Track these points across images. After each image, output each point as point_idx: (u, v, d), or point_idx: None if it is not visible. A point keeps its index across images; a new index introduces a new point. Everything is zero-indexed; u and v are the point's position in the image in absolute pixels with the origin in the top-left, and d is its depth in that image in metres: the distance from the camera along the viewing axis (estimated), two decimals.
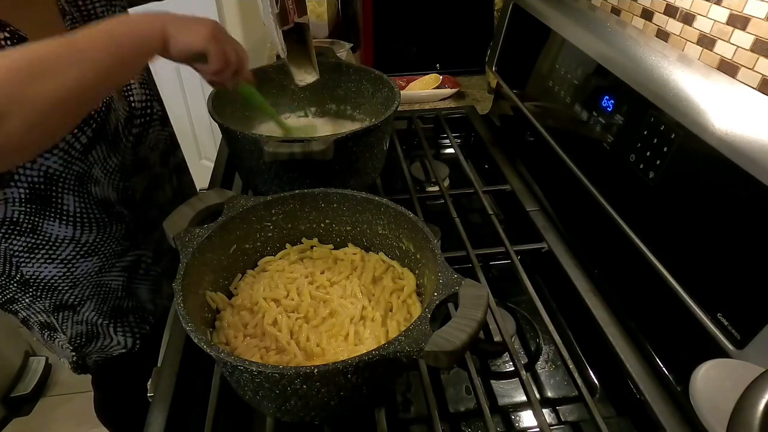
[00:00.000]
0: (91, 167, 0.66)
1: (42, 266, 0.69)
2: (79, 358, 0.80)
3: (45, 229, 0.66)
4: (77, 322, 0.76)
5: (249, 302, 0.57)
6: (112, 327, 0.79)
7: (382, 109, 0.83)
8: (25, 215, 0.63)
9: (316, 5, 1.41)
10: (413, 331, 0.43)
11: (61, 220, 0.66)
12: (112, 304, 0.78)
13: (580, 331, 0.67)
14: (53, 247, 0.68)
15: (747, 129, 0.47)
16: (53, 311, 0.74)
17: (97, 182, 0.68)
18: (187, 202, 0.59)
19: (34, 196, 0.62)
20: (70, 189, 0.65)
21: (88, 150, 0.64)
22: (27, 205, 0.63)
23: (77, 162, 0.64)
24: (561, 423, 0.57)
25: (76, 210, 0.67)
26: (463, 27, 1.29)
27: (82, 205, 0.67)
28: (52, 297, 0.72)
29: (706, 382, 0.40)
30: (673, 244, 0.54)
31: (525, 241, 0.76)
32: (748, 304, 0.45)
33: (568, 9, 0.81)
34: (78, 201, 0.66)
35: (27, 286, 0.71)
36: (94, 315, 0.76)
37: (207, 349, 0.43)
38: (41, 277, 0.70)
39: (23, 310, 0.75)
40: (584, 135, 0.71)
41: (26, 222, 0.64)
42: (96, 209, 0.69)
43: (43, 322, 0.76)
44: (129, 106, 0.71)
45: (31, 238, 0.66)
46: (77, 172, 0.65)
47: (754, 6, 0.55)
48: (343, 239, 0.65)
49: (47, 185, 0.63)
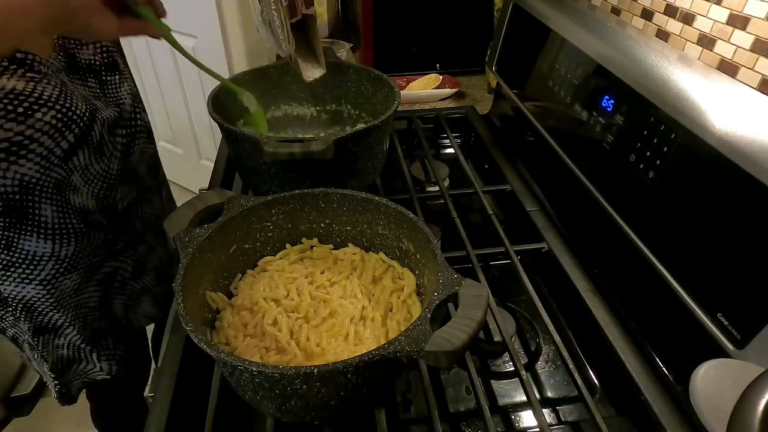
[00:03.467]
0: (70, 174, 0.62)
1: (19, 286, 0.65)
2: (63, 386, 0.77)
3: (21, 245, 0.62)
4: (57, 347, 0.73)
5: (249, 302, 0.57)
6: (95, 353, 0.76)
7: (382, 109, 0.83)
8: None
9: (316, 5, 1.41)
10: (413, 331, 0.43)
11: (39, 234, 0.62)
12: (92, 327, 0.75)
13: (580, 331, 0.67)
14: (31, 265, 0.64)
15: (747, 129, 0.47)
16: (33, 333, 0.70)
17: (75, 190, 0.64)
18: (187, 202, 0.59)
19: (8, 208, 0.58)
20: (48, 197, 0.61)
21: (69, 156, 0.60)
22: (1, 219, 0.59)
23: (56, 168, 0.60)
24: (561, 423, 0.57)
25: (54, 221, 0.63)
26: (463, 27, 1.29)
27: (60, 215, 0.63)
28: (32, 319, 0.69)
29: (706, 382, 0.40)
30: (673, 244, 0.54)
31: (525, 241, 0.76)
32: (748, 304, 0.45)
33: (568, 9, 0.81)
34: (55, 211, 0.62)
35: (6, 305, 0.67)
36: (75, 339, 0.73)
37: (207, 349, 0.43)
38: (18, 298, 0.66)
39: (10, 328, 0.72)
40: (584, 135, 0.71)
41: (1, 238, 0.60)
42: (74, 218, 0.65)
43: (30, 342, 0.73)
44: (120, 112, 0.69)
45: (6, 255, 0.62)
46: (55, 179, 0.60)
47: (754, 6, 0.55)
48: (343, 239, 0.65)
49: (23, 195, 0.58)
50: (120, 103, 0.69)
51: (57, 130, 0.57)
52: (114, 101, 0.69)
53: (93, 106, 0.63)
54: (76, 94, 0.61)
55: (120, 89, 0.70)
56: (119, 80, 0.70)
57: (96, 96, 0.67)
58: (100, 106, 0.65)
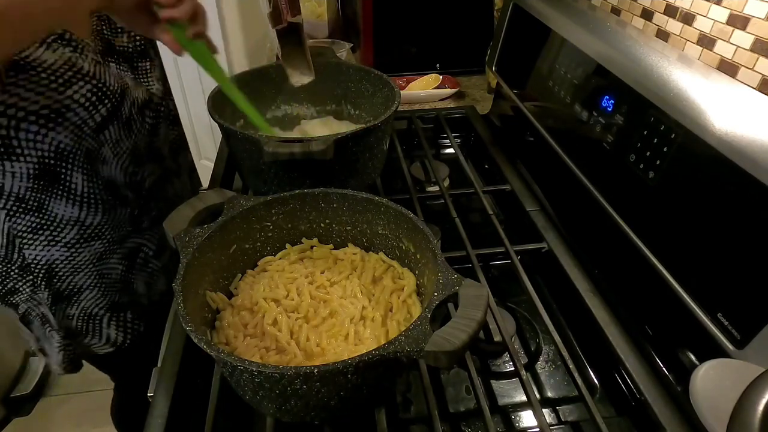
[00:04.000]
0: (101, 146, 0.66)
1: (45, 249, 0.68)
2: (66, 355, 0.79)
3: (51, 208, 0.65)
4: (69, 317, 0.76)
5: (249, 302, 0.57)
6: (106, 319, 0.78)
7: (382, 109, 0.83)
8: (32, 192, 0.63)
9: (316, 5, 1.41)
10: (413, 331, 0.43)
11: (68, 199, 0.66)
12: (111, 299, 0.77)
13: (580, 331, 0.67)
14: (57, 228, 0.67)
15: (747, 129, 0.47)
16: (52, 303, 0.73)
17: (105, 161, 0.68)
18: (187, 202, 0.59)
19: (43, 171, 0.62)
20: (79, 166, 0.65)
21: (101, 128, 0.65)
22: (35, 181, 0.62)
23: (88, 139, 0.64)
24: (561, 423, 0.57)
25: (84, 189, 0.67)
26: (463, 27, 1.29)
27: (90, 184, 0.67)
28: (51, 286, 0.72)
29: (706, 382, 0.40)
30: (673, 244, 0.54)
31: (525, 241, 0.76)
32: (748, 304, 0.45)
33: (568, 9, 0.81)
34: (86, 180, 0.66)
35: (27, 272, 0.70)
36: (90, 305, 0.76)
37: (207, 349, 0.43)
38: (43, 262, 0.69)
39: (24, 303, 0.74)
40: (584, 135, 0.71)
41: (32, 199, 0.63)
42: (102, 190, 0.69)
43: (43, 315, 0.76)
44: (148, 93, 0.73)
45: (36, 217, 0.65)
46: (87, 150, 0.65)
47: (754, 6, 0.55)
48: (343, 239, 0.65)
49: (57, 161, 0.62)
50: (149, 87, 0.73)
51: (91, 102, 0.63)
52: (144, 86, 0.73)
53: (124, 84, 0.67)
54: (109, 72, 0.66)
55: (150, 75, 0.75)
56: (150, 67, 0.76)
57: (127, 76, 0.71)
58: (131, 85, 0.69)
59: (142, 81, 0.73)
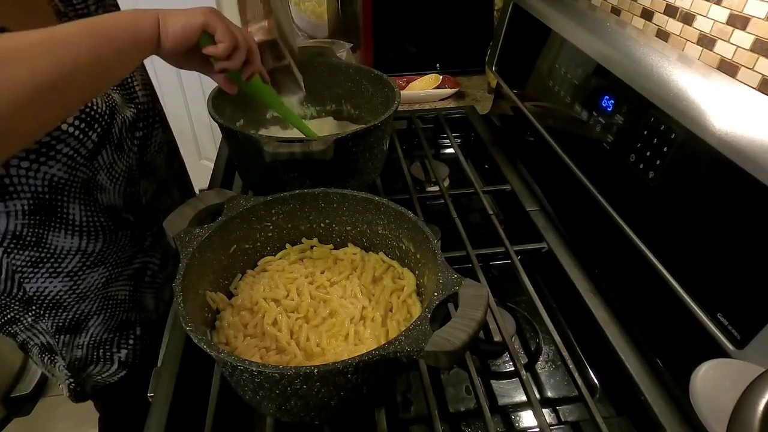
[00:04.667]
0: (96, 173, 0.64)
1: (47, 281, 0.66)
2: (77, 385, 0.77)
3: (50, 241, 0.63)
4: (77, 346, 0.73)
5: (249, 302, 0.57)
6: (116, 341, 0.76)
7: (382, 109, 0.83)
8: (29, 228, 0.61)
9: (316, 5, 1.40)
10: (413, 331, 0.43)
11: (66, 231, 0.64)
12: (119, 318, 0.75)
13: (580, 331, 0.67)
14: (59, 259, 0.65)
15: (747, 129, 0.47)
16: (55, 332, 0.71)
17: (103, 189, 0.66)
18: (187, 202, 0.59)
19: (38, 206, 0.60)
20: (76, 197, 0.63)
21: (94, 155, 0.62)
22: (31, 217, 0.60)
23: (82, 168, 0.62)
24: (561, 423, 0.57)
25: (82, 219, 0.65)
26: (463, 27, 1.29)
27: (88, 213, 0.65)
28: (55, 316, 0.69)
29: (706, 382, 0.40)
30: (673, 244, 0.54)
31: (525, 241, 0.76)
32: (748, 304, 0.45)
33: (568, 9, 0.81)
34: (84, 209, 0.64)
35: (30, 304, 0.68)
36: (99, 330, 0.74)
37: (207, 349, 0.43)
38: (45, 293, 0.67)
39: (23, 332, 0.72)
40: (584, 135, 0.70)
41: (30, 235, 0.61)
42: (102, 217, 0.67)
43: (43, 344, 0.73)
44: (135, 107, 0.70)
45: (35, 251, 0.63)
46: (82, 179, 0.62)
47: (754, 6, 0.55)
48: (343, 239, 0.65)
49: (52, 194, 0.60)
50: (134, 97, 0.71)
51: (81, 130, 0.59)
52: (128, 95, 0.70)
53: (112, 102, 0.64)
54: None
55: (135, 82, 0.72)
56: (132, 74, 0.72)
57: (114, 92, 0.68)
58: (117, 100, 0.66)
59: (128, 91, 0.70)
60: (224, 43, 0.56)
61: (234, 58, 0.59)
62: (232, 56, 0.58)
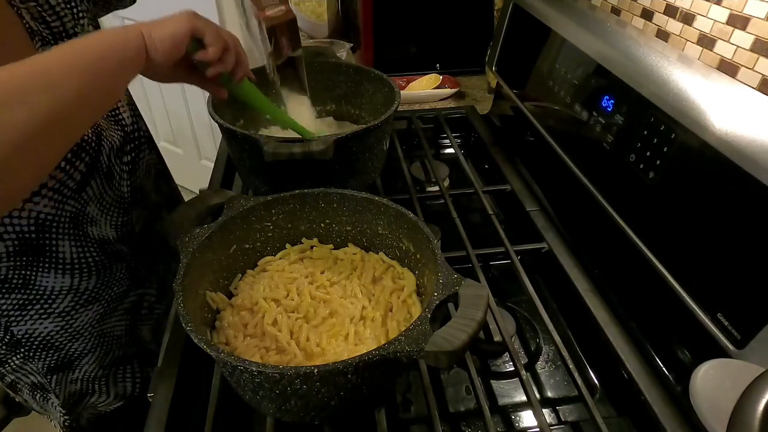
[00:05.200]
0: (86, 206, 0.60)
1: (36, 323, 0.62)
2: (72, 420, 0.73)
3: (38, 282, 0.59)
4: (71, 382, 0.70)
5: (249, 302, 0.57)
6: (111, 377, 0.73)
7: (382, 109, 0.83)
8: (15, 270, 0.56)
9: (316, 5, 1.41)
10: (413, 331, 0.43)
11: (56, 270, 0.60)
12: (115, 355, 0.72)
13: (580, 331, 0.67)
14: (48, 300, 0.61)
15: (747, 129, 0.47)
16: (46, 373, 0.67)
17: (93, 222, 0.61)
18: (187, 202, 0.59)
19: (25, 247, 0.56)
20: (65, 233, 0.58)
21: (82, 187, 0.58)
22: (16, 258, 0.56)
23: (70, 202, 0.57)
24: (561, 423, 0.57)
25: (73, 256, 0.60)
26: (463, 27, 1.29)
27: (79, 249, 0.61)
28: (46, 357, 0.65)
29: (706, 382, 0.40)
30: (673, 244, 0.54)
31: (525, 241, 0.76)
32: (748, 304, 0.45)
33: (568, 9, 0.81)
34: (74, 245, 0.60)
35: (18, 347, 0.63)
36: (93, 368, 0.70)
37: (207, 349, 0.43)
38: (36, 335, 0.63)
39: (10, 374, 0.67)
40: (584, 135, 0.70)
41: (16, 277, 0.57)
42: (94, 252, 0.63)
43: (34, 383, 0.69)
44: (122, 130, 0.65)
45: (22, 294, 0.59)
46: (71, 213, 0.58)
47: (754, 6, 0.55)
48: (343, 239, 0.65)
49: (39, 233, 0.56)
50: (120, 119, 0.66)
51: (67, 161, 0.56)
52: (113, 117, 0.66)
53: (98, 128, 0.60)
54: None
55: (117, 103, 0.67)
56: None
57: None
58: (103, 124, 0.63)
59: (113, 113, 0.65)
60: (214, 46, 0.54)
61: (225, 61, 0.57)
62: (223, 59, 0.56)
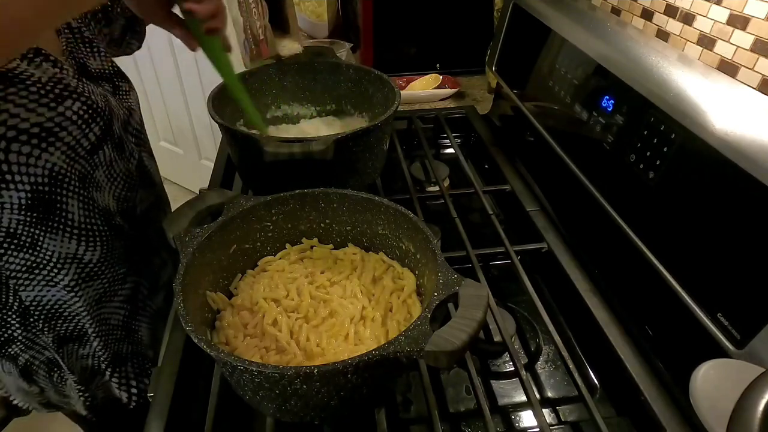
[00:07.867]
0: (95, 169, 0.63)
1: (44, 289, 0.63)
2: (90, 396, 0.74)
3: (46, 246, 0.60)
4: (81, 357, 0.71)
5: (249, 302, 0.57)
6: (108, 374, 0.74)
7: (382, 109, 0.83)
8: (25, 226, 0.58)
9: (316, 5, 1.40)
10: (413, 331, 0.43)
11: (64, 233, 0.61)
12: (113, 348, 0.72)
13: (580, 331, 0.67)
14: (55, 268, 0.62)
15: (747, 129, 0.47)
16: (58, 345, 0.68)
17: (99, 187, 0.64)
18: (187, 202, 0.59)
19: (37, 200, 0.57)
20: (74, 192, 0.60)
21: (95, 149, 0.61)
22: (28, 213, 0.57)
23: (81, 161, 0.60)
24: (561, 423, 0.57)
25: (81, 219, 0.62)
26: (463, 27, 1.29)
27: (86, 212, 0.62)
28: (55, 327, 0.67)
29: (706, 382, 0.40)
30: (673, 244, 0.54)
31: (525, 241, 0.76)
32: (748, 304, 0.45)
33: (568, 9, 0.81)
34: (81, 208, 0.62)
35: (28, 316, 0.65)
36: (100, 352, 0.71)
37: (207, 349, 0.43)
38: (44, 303, 0.64)
39: (24, 353, 0.69)
40: (584, 135, 0.71)
41: (25, 234, 0.58)
42: (98, 219, 0.64)
43: (49, 359, 0.71)
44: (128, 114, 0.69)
45: (30, 254, 0.60)
46: (80, 172, 0.61)
47: (754, 6, 0.55)
48: (343, 239, 0.65)
49: (51, 186, 0.58)
50: (131, 109, 0.70)
51: (84, 120, 0.59)
52: (125, 107, 0.70)
53: (110, 104, 0.64)
54: (95, 91, 0.63)
55: (129, 96, 0.71)
56: (128, 88, 0.72)
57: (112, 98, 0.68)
58: (114, 104, 0.66)
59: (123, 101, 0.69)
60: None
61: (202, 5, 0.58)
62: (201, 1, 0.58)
